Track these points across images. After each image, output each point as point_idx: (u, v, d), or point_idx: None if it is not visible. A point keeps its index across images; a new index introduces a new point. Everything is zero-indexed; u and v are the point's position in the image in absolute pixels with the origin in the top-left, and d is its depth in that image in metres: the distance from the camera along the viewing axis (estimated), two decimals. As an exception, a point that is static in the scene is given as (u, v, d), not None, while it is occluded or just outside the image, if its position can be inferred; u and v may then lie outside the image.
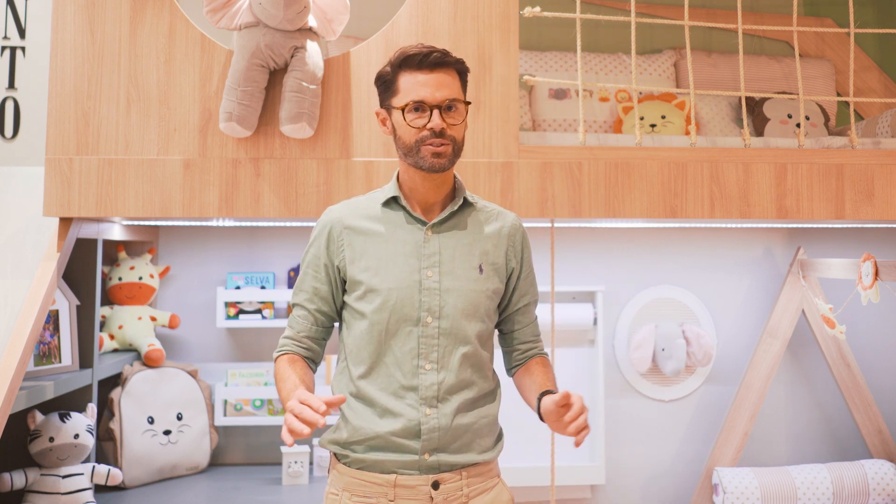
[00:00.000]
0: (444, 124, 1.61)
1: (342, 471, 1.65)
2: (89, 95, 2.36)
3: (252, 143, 2.38)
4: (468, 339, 1.66)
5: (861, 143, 2.65)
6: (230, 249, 3.16)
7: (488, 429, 1.69)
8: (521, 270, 1.76)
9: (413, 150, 1.63)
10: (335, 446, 1.67)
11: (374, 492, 1.60)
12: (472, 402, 1.66)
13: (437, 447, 1.61)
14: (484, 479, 1.68)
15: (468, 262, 1.68)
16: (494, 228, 1.74)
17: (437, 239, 1.68)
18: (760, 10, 3.65)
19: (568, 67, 3.33)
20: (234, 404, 2.98)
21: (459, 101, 1.65)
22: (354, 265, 1.67)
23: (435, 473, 1.61)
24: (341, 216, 1.71)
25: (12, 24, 3.14)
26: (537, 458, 3.12)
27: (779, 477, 3.06)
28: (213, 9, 2.32)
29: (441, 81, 1.62)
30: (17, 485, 2.32)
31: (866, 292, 2.44)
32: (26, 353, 2.10)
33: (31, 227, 2.47)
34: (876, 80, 3.64)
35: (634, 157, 2.49)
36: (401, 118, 1.64)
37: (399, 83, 1.64)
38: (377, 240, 1.67)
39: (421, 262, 1.65)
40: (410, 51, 1.64)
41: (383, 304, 1.63)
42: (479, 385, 1.68)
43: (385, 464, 1.61)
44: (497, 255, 1.72)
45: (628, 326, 3.31)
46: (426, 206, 1.71)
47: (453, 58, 1.66)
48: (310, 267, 1.71)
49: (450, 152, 1.63)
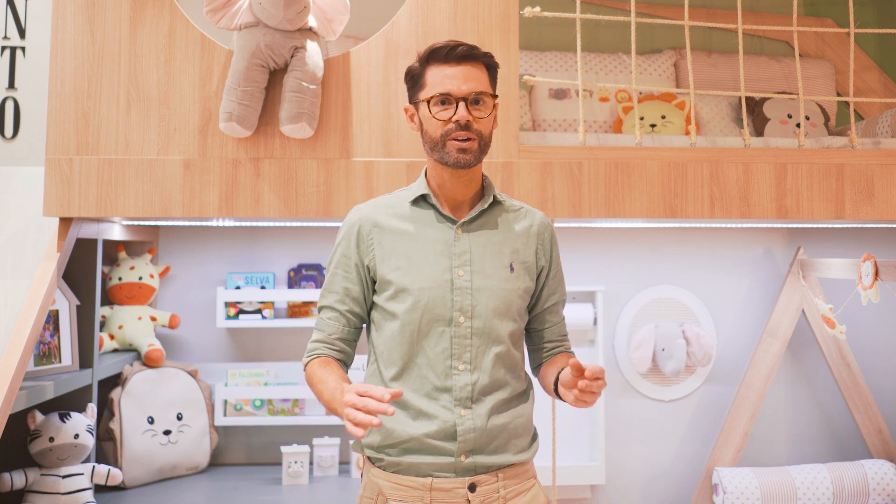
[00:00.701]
0: (469, 117, 1.59)
1: (376, 475, 1.62)
2: (89, 95, 2.36)
3: (252, 143, 2.38)
4: (501, 339, 1.63)
5: (861, 143, 2.65)
6: (230, 249, 3.16)
7: (523, 429, 1.66)
8: (550, 269, 1.74)
9: (439, 144, 1.61)
10: (369, 450, 1.64)
11: (410, 496, 1.58)
12: (506, 402, 1.63)
13: (472, 448, 1.59)
14: (520, 481, 1.65)
15: (499, 261, 1.65)
16: (524, 227, 1.71)
17: (467, 238, 1.65)
18: (760, 10, 3.65)
19: (568, 67, 3.33)
20: (234, 404, 2.98)
21: (487, 94, 1.62)
22: (384, 264, 1.64)
23: (471, 475, 1.59)
24: (370, 214, 1.68)
25: (12, 24, 3.14)
26: (537, 458, 3.10)
27: (779, 477, 3.06)
28: (213, 9, 2.32)
29: (468, 74, 1.60)
30: (17, 485, 2.32)
31: (866, 292, 2.44)
32: (26, 353, 2.10)
33: (31, 227, 2.47)
34: (876, 80, 3.64)
35: (634, 157, 2.49)
36: (427, 111, 1.62)
37: (426, 77, 1.63)
38: (407, 239, 1.65)
39: (452, 262, 1.63)
40: (438, 45, 1.62)
41: (415, 304, 1.60)
42: (513, 385, 1.66)
43: (421, 467, 1.58)
44: (527, 254, 1.70)
45: (628, 326, 3.31)
46: (454, 205, 1.68)
47: (481, 52, 1.64)
48: (339, 267, 1.67)
49: (476, 148, 1.61)
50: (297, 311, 3.08)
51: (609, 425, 3.27)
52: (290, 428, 3.08)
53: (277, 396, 2.96)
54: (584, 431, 3.26)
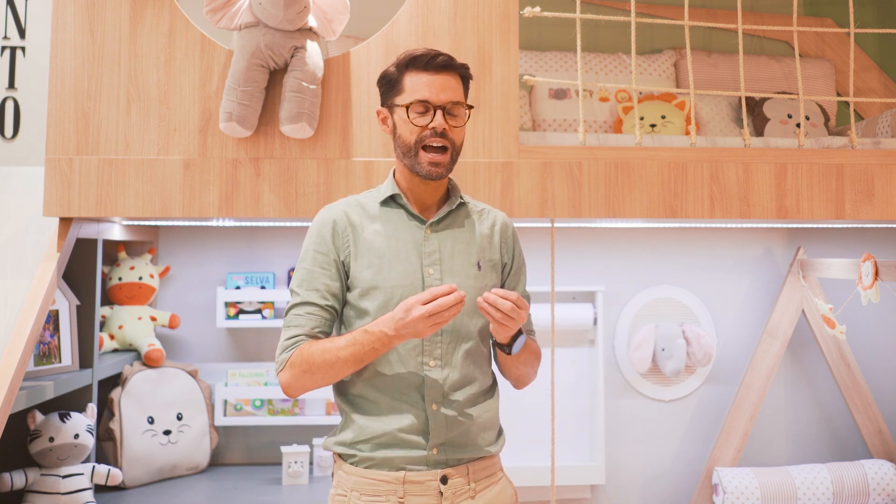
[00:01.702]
0: (446, 125, 1.65)
1: (349, 471, 1.64)
2: (89, 95, 2.36)
3: (252, 143, 2.38)
4: (470, 336, 1.69)
5: (861, 143, 2.65)
6: (230, 249, 3.16)
7: (490, 423, 1.71)
8: (512, 265, 1.79)
9: (412, 150, 1.66)
10: (340, 447, 1.67)
11: (383, 490, 1.61)
12: (475, 397, 1.68)
13: (444, 441, 1.63)
14: (489, 473, 1.70)
15: (467, 260, 1.71)
16: (488, 226, 1.78)
17: (436, 237, 1.71)
18: (760, 10, 3.65)
19: (568, 67, 3.33)
20: (234, 404, 2.98)
21: (462, 104, 1.69)
22: (357, 262, 1.67)
23: (442, 468, 1.63)
24: (345, 212, 1.72)
25: (12, 24, 3.14)
26: (537, 458, 3.12)
27: (779, 477, 3.06)
28: (213, 9, 2.32)
29: (446, 83, 1.66)
30: (17, 485, 2.32)
31: (866, 292, 2.44)
32: (26, 353, 2.10)
33: (31, 227, 2.47)
34: (876, 80, 3.64)
35: (634, 157, 2.49)
36: (404, 116, 1.67)
37: (404, 82, 1.68)
38: (378, 237, 1.69)
39: (422, 260, 1.68)
40: (417, 52, 1.68)
41: (387, 302, 1.64)
42: (481, 380, 1.71)
43: (394, 460, 1.61)
44: (493, 252, 1.76)
45: (628, 326, 3.31)
46: (422, 206, 1.74)
47: (459, 63, 1.70)
48: (316, 264, 1.68)
49: (447, 161, 1.67)
50: (297, 311, 3.07)
51: (609, 425, 3.27)
52: (290, 428, 3.08)
53: (277, 396, 2.96)
54: (584, 431, 3.26)
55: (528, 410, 3.09)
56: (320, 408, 3.05)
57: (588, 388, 3.26)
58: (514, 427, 2.95)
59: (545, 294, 3.09)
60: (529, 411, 3.10)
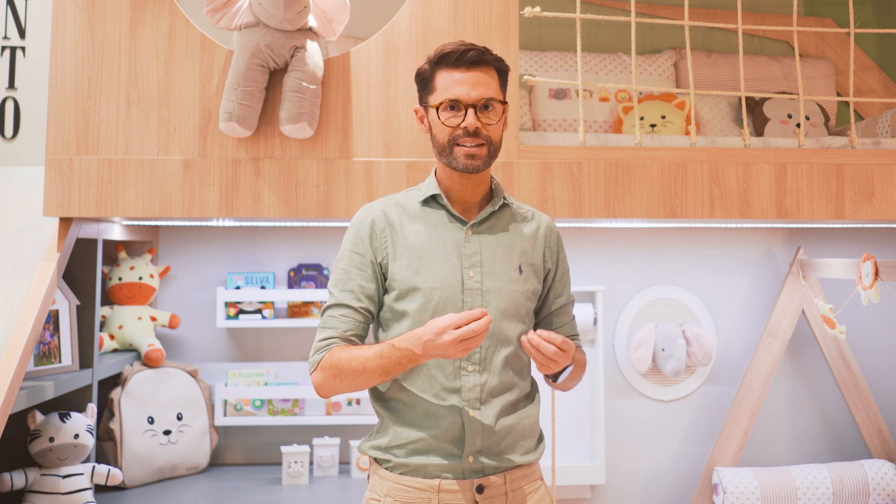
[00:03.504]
0: (478, 124, 1.59)
1: (384, 476, 1.61)
2: (89, 95, 2.36)
3: (252, 143, 2.38)
4: (510, 341, 1.63)
5: (861, 143, 2.65)
6: (230, 249, 3.16)
7: (530, 430, 1.66)
8: (556, 271, 1.74)
9: (446, 149, 1.61)
10: (376, 451, 1.63)
11: (417, 497, 1.57)
12: (514, 403, 1.63)
13: (480, 450, 1.59)
14: (527, 482, 1.65)
15: (508, 263, 1.66)
16: (531, 229, 1.72)
17: (477, 239, 1.65)
18: (760, 10, 3.65)
19: (568, 67, 3.33)
20: (234, 404, 2.98)
21: (496, 100, 1.62)
22: (396, 263, 1.63)
23: (479, 477, 1.59)
24: (383, 212, 1.67)
25: (12, 24, 3.14)
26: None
27: (779, 477, 3.06)
28: (213, 9, 2.32)
29: (478, 80, 1.60)
30: (17, 485, 2.32)
31: (866, 292, 2.44)
32: (26, 353, 2.10)
33: (31, 227, 2.47)
34: (876, 80, 3.64)
35: (634, 157, 2.49)
36: (436, 116, 1.62)
37: (436, 81, 1.62)
38: (418, 238, 1.64)
39: (462, 262, 1.63)
40: (448, 48, 1.61)
41: (426, 304, 1.59)
42: (520, 387, 1.66)
43: (428, 468, 1.58)
44: (535, 256, 1.70)
45: (628, 326, 3.31)
46: (464, 206, 1.69)
47: (492, 56, 1.63)
48: (353, 265, 1.64)
49: (484, 154, 1.61)
50: (297, 312, 3.08)
51: (609, 425, 3.27)
52: (290, 428, 3.08)
53: (277, 396, 2.96)
54: (584, 431, 3.26)
55: (528, 410, 3.08)
56: (320, 408, 3.05)
57: (588, 388, 3.26)
58: (514, 427, 2.96)
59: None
60: (529, 411, 3.09)
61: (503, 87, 1.66)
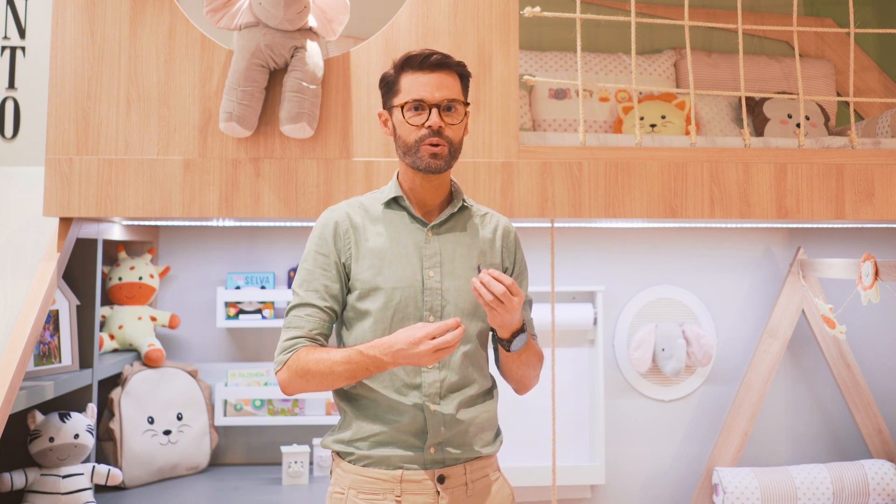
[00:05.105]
0: (441, 123, 1.65)
1: (347, 469, 1.66)
2: (89, 95, 2.36)
3: (252, 143, 2.38)
4: (469, 338, 1.69)
5: (861, 143, 2.65)
6: (230, 249, 3.16)
7: (489, 423, 1.72)
8: (514, 270, 1.79)
9: (412, 149, 1.67)
10: (339, 444, 1.68)
11: (380, 488, 1.62)
12: (473, 398, 1.69)
13: (441, 441, 1.64)
14: (486, 473, 1.71)
15: (467, 263, 1.71)
16: (489, 230, 1.78)
17: (437, 240, 1.71)
18: (760, 10, 3.65)
19: (568, 67, 3.33)
20: (234, 404, 2.98)
21: (458, 101, 1.68)
22: (359, 263, 1.68)
23: (440, 468, 1.64)
24: (347, 214, 1.73)
25: (12, 24, 3.14)
26: (537, 458, 3.12)
27: (779, 477, 3.06)
28: (213, 9, 2.32)
29: (441, 82, 1.66)
30: (17, 485, 2.32)
31: (866, 292, 2.44)
32: (26, 353, 2.10)
33: (31, 227, 2.47)
34: (876, 80, 3.64)
35: (634, 157, 2.49)
36: (401, 117, 1.67)
37: (401, 83, 1.68)
38: (380, 239, 1.70)
39: (423, 263, 1.68)
40: (413, 52, 1.68)
41: (387, 303, 1.65)
42: (480, 382, 1.71)
43: (391, 459, 1.62)
44: (493, 256, 1.76)
45: (628, 326, 3.31)
46: (425, 208, 1.74)
47: (454, 61, 1.70)
48: (317, 266, 1.69)
49: (446, 154, 1.67)
50: (297, 311, 3.07)
51: (609, 425, 3.27)
52: (290, 428, 3.08)
53: (277, 396, 2.96)
54: (584, 431, 3.26)
55: (529, 411, 3.09)
56: (320, 408, 3.05)
57: (588, 388, 3.26)
58: (514, 427, 2.95)
59: (545, 294, 3.10)
60: (530, 412, 3.10)
61: (465, 91, 1.72)
